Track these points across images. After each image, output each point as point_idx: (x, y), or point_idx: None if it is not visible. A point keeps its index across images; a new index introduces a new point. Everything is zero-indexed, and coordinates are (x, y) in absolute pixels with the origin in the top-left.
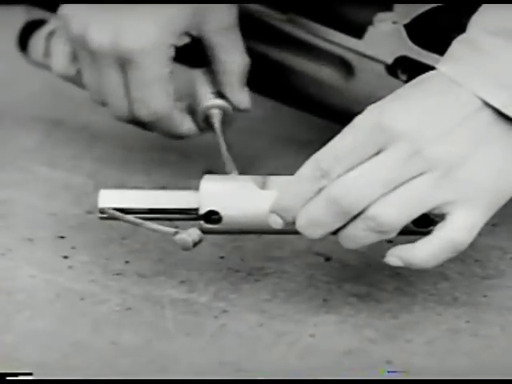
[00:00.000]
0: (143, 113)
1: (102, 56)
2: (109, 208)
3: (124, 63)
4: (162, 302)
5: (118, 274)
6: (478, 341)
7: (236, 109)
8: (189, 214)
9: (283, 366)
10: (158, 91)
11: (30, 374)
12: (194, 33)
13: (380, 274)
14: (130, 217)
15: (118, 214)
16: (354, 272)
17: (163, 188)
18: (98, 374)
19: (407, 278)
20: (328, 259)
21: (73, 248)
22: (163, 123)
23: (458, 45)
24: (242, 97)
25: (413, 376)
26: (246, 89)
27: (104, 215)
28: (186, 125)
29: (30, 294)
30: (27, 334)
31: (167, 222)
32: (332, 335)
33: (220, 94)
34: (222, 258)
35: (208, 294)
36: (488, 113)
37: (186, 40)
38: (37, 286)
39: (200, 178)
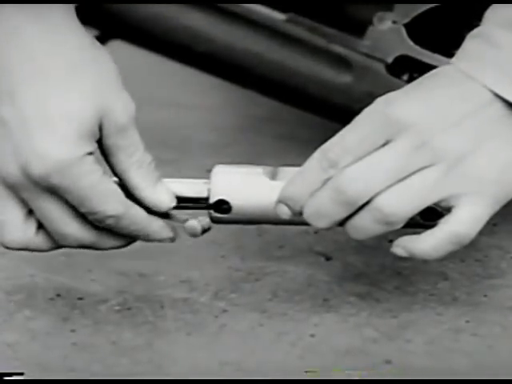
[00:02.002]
0: (101, 219)
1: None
2: None
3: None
4: (162, 301)
5: (118, 274)
6: (479, 340)
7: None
8: (199, 203)
9: (283, 366)
10: (101, 197)
11: (21, 373)
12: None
13: (380, 273)
14: None
15: None
16: (355, 271)
17: None
18: (98, 373)
19: (408, 278)
20: (328, 259)
21: (72, 247)
22: (123, 224)
23: (471, 39)
24: (158, 196)
25: (413, 376)
26: (161, 186)
27: None
28: (148, 217)
29: (29, 293)
30: (27, 333)
31: (177, 211)
32: (332, 335)
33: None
34: (222, 257)
35: (208, 294)
36: (498, 106)
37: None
38: (37, 285)
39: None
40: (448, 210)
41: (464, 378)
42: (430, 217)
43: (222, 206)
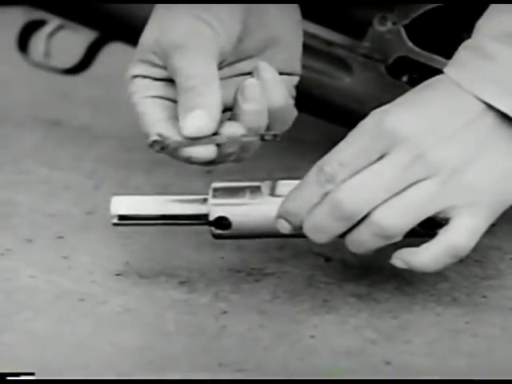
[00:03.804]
0: None
1: None
2: (121, 215)
3: None
4: (162, 302)
5: (118, 275)
6: (478, 341)
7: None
8: (199, 220)
9: (283, 367)
10: (138, 116)
11: (32, 374)
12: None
13: (380, 274)
14: (144, 222)
15: (133, 221)
16: (354, 272)
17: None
18: (99, 374)
19: (407, 279)
20: (328, 259)
21: (73, 248)
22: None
23: (464, 50)
24: (183, 123)
25: (413, 376)
26: (193, 113)
27: (118, 222)
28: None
29: (30, 294)
30: (27, 334)
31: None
32: (332, 336)
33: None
34: (222, 258)
35: (208, 295)
36: (491, 117)
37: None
38: (37, 286)
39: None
40: (446, 220)
41: (464, 378)
42: (428, 226)
43: (222, 222)
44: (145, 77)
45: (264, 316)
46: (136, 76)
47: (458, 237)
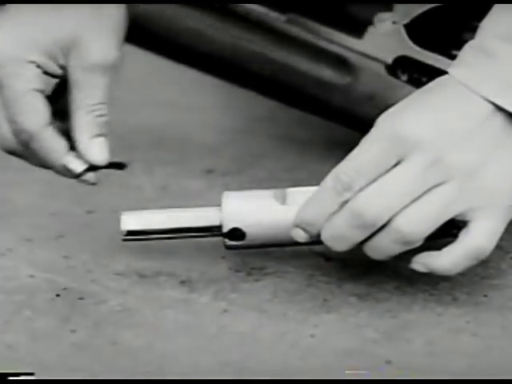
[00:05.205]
0: (18, 132)
1: None
2: (131, 230)
3: None
4: (162, 302)
5: (118, 274)
6: (479, 341)
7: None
8: (212, 232)
9: (283, 366)
10: (23, 107)
11: (31, 373)
12: (60, 62)
13: (380, 273)
14: (155, 237)
15: (144, 237)
16: (354, 272)
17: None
18: (98, 374)
19: (407, 278)
20: (328, 259)
21: (73, 248)
22: (35, 146)
23: (469, 50)
24: (88, 147)
25: (413, 376)
26: (101, 140)
27: (128, 237)
28: (59, 150)
29: (30, 293)
30: (27, 333)
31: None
32: (332, 335)
33: None
34: (222, 258)
35: (208, 294)
36: (501, 117)
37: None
38: (37, 285)
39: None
40: (464, 222)
41: (464, 378)
42: (447, 229)
43: (236, 233)
44: (38, 66)
45: (264, 315)
46: (32, 62)
47: (479, 239)
